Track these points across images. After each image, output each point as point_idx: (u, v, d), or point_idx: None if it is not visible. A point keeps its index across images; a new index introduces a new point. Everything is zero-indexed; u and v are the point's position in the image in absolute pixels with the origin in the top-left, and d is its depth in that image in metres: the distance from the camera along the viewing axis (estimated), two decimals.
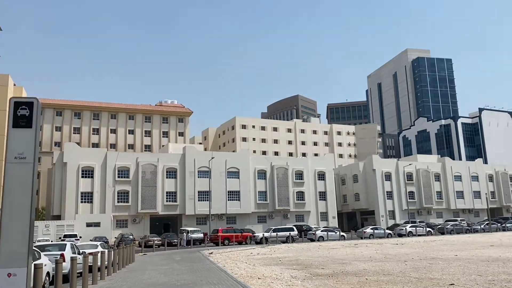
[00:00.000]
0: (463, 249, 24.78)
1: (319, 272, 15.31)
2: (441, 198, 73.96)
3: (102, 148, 59.02)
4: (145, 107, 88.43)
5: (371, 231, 46.60)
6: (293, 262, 19.80)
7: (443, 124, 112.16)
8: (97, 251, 17.78)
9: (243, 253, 28.30)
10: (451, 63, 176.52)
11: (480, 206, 77.21)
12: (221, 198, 58.85)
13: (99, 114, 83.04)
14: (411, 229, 48.83)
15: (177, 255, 28.77)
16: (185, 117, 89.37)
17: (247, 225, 60.05)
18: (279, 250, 30.21)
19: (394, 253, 23.36)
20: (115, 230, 53.35)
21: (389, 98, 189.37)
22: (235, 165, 60.72)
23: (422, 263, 17.51)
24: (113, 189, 54.23)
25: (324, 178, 66.89)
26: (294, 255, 24.62)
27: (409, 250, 25.84)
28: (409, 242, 35.20)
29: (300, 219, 63.92)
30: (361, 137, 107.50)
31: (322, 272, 15.28)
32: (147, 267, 19.48)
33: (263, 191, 62.16)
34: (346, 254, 23.67)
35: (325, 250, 27.91)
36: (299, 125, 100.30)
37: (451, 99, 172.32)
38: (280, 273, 15.25)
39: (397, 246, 29.69)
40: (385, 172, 70.27)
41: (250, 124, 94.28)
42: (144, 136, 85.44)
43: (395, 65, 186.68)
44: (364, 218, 73.09)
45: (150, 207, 54.90)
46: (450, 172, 75.53)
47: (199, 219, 58.61)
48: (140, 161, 55.84)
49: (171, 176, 57.58)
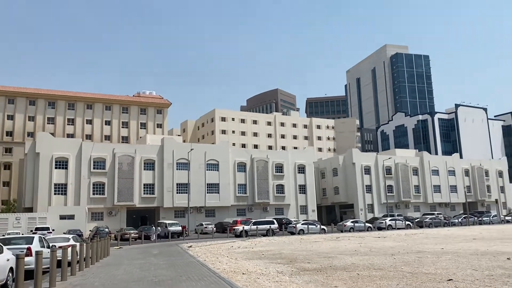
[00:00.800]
0: (447, 243, 24.51)
1: (306, 266, 14.55)
2: (418, 192, 74.63)
3: (77, 139, 56.96)
4: (123, 98, 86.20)
5: (352, 225, 46.35)
6: (277, 256, 19.03)
7: (421, 120, 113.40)
8: (69, 244, 16.61)
9: (223, 246, 27.42)
10: (428, 60, 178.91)
11: (456, 200, 78.30)
12: (200, 190, 57.74)
13: (75, 104, 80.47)
14: (391, 222, 48.84)
15: (154, 248, 27.69)
16: (164, 108, 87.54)
17: (226, 218, 59.20)
18: (260, 243, 29.44)
19: (378, 247, 22.87)
20: (90, 223, 51.69)
21: (368, 93, 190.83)
22: (215, 157, 59.64)
23: (411, 256, 16.98)
24: (88, 181, 52.47)
25: (304, 171, 66.46)
26: (277, 248, 23.87)
27: (393, 243, 25.45)
28: (390, 235, 34.97)
29: (279, 212, 63.40)
30: (340, 131, 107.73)
31: (309, 266, 14.52)
32: (122, 262, 18.39)
33: (243, 184, 61.31)
34: (330, 248, 23.06)
35: (308, 244, 27.28)
36: (279, 118, 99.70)
37: (427, 95, 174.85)
38: (265, 268, 14.42)
39: (380, 239, 29.32)
40: (364, 166, 70.35)
41: (230, 117, 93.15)
42: (121, 128, 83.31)
43: (374, 60, 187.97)
44: (343, 212, 73.16)
45: (127, 199, 53.36)
46: (428, 167, 76.25)
47: (178, 212, 57.39)
48: (117, 152, 54.16)
49: (149, 168, 56.11)
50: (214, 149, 60.41)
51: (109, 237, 39.66)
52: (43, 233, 38.93)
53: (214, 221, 57.68)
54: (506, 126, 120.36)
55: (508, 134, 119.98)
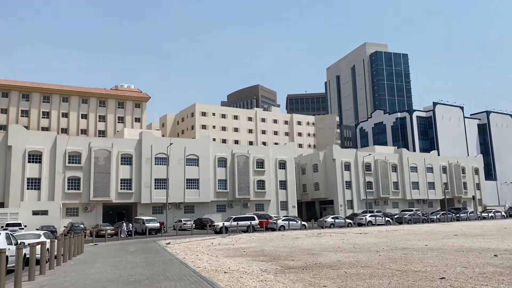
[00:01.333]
0: (429, 239, 24.36)
1: (290, 264, 13.98)
2: (397, 188, 75.27)
3: (51, 132, 55.05)
4: (100, 91, 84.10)
5: (332, 221, 46.19)
6: (259, 253, 18.43)
7: (399, 117, 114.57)
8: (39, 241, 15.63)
9: (202, 243, 26.67)
10: (407, 58, 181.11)
11: (434, 196, 79.32)
12: (179, 186, 56.67)
13: (50, 97, 78.11)
14: (371, 218, 48.89)
15: (131, 245, 26.75)
16: (142, 102, 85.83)
17: (205, 214, 58.36)
18: (241, 240, 28.80)
19: (361, 243, 22.52)
20: (65, 218, 50.09)
21: (347, 91, 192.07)
22: (195, 152, 58.63)
23: (396, 253, 16.62)
24: (63, 175, 50.79)
25: (285, 167, 66.09)
26: (258, 245, 23.28)
27: (375, 239, 25.18)
28: (371, 231, 34.83)
29: (260, 208, 62.89)
30: (320, 127, 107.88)
31: (293, 264, 13.95)
32: (96, 259, 17.48)
33: (223, 180, 60.50)
34: (313, 244, 22.60)
35: (289, 240, 26.79)
36: (260, 114, 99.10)
37: (406, 93, 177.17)
38: (247, 265, 13.78)
39: (362, 236, 29.06)
40: (344, 162, 70.46)
41: (210, 112, 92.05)
42: (98, 121, 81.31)
43: (354, 58, 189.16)
44: (323, 208, 73.20)
45: (103, 194, 51.92)
46: (407, 163, 76.95)
47: (156, 208, 56.22)
48: (93, 146, 52.60)
49: (126, 162, 54.72)
50: (194, 144, 59.38)
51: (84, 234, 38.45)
52: (14, 229, 37.43)
53: (193, 217, 56.75)
54: (482, 124, 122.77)
55: (483, 132, 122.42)
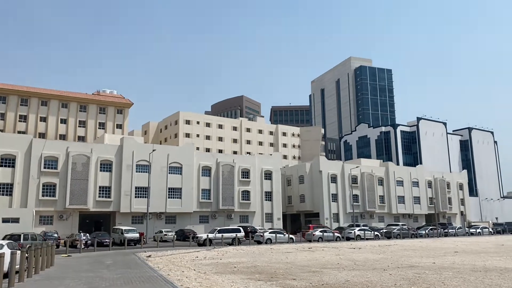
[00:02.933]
0: (431, 256, 22.83)
1: (293, 285, 12.14)
2: (383, 202, 74.19)
3: (26, 135, 52.17)
4: (81, 95, 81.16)
5: (320, 234, 44.47)
6: (252, 270, 16.52)
7: (383, 131, 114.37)
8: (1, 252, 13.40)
9: (186, 256, 24.57)
10: (391, 74, 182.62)
11: (419, 211, 78.49)
12: (160, 195, 54.23)
13: (28, 100, 74.86)
14: (360, 232, 47.37)
15: (108, 257, 24.48)
16: (125, 108, 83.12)
17: (187, 225, 55.99)
18: (228, 253, 26.78)
19: (361, 259, 20.82)
20: (38, 227, 47.05)
21: (331, 104, 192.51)
22: (178, 160, 56.39)
23: (406, 272, 14.94)
24: (37, 181, 47.89)
25: (271, 177, 64.28)
26: (248, 260, 21.35)
27: (373, 255, 23.51)
28: (364, 246, 33.20)
29: (244, 220, 60.80)
30: (305, 139, 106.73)
31: (297, 285, 12.12)
32: (67, 274, 15.31)
33: (207, 189, 58.29)
34: (308, 260, 20.79)
35: (280, 255, 24.92)
36: (245, 123, 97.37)
37: (389, 108, 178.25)
38: (244, 286, 11.88)
39: (356, 251, 27.37)
40: (331, 174, 69.08)
41: (195, 120, 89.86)
42: (78, 127, 78.17)
43: (339, 72, 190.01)
44: (308, 220, 71.45)
45: (80, 202, 49.13)
46: (393, 177, 76.06)
47: (135, 217, 53.60)
48: (71, 151, 49.91)
49: (106, 169, 52.13)
50: (177, 152, 57.16)
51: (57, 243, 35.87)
52: None
53: (175, 228, 54.31)
54: (464, 141, 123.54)
55: (465, 148, 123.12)
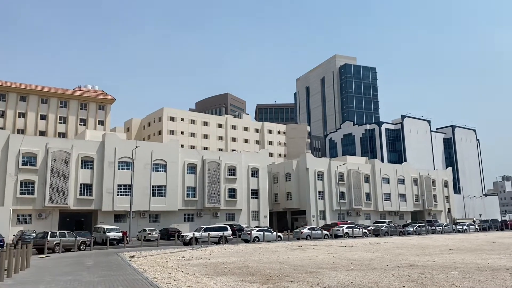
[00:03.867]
0: (427, 254, 22.10)
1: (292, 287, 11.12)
2: (369, 199, 73.87)
3: (4, 130, 50.03)
4: (61, 91, 78.77)
5: (309, 232, 43.63)
6: (244, 271, 15.46)
7: (368, 129, 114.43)
8: None
9: (172, 256, 23.37)
10: (375, 72, 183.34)
11: (405, 208, 78.48)
12: (144, 193, 52.73)
13: (6, 95, 72.25)
14: (348, 230, 46.69)
15: (89, 258, 23.12)
16: (107, 104, 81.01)
17: (172, 223, 54.61)
18: (216, 252, 25.65)
19: (356, 258, 19.95)
20: (15, 226, 45.16)
21: (317, 102, 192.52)
22: (162, 157, 54.93)
23: (409, 272, 14.08)
24: (15, 178, 45.94)
25: (258, 175, 63.26)
26: (238, 260, 20.27)
27: (368, 254, 22.69)
28: (355, 244, 32.42)
29: (230, 218, 59.67)
30: (291, 136, 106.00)
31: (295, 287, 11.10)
32: (42, 278, 14.01)
33: (192, 187, 56.97)
34: (301, 259, 19.81)
35: (271, 254, 23.92)
36: (230, 121, 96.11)
37: (373, 106, 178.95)
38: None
39: (348, 249, 26.53)
40: (317, 171, 68.42)
41: (179, 117, 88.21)
42: (58, 123, 75.83)
43: (324, 70, 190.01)
44: (295, 218, 70.76)
45: (60, 200, 47.34)
46: (379, 174, 75.82)
47: (118, 216, 51.99)
48: (51, 147, 48.03)
49: (87, 166, 50.38)
50: (162, 148, 55.69)
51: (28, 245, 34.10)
52: None
53: (159, 227, 52.90)
54: (447, 138, 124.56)
55: (449, 146, 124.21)
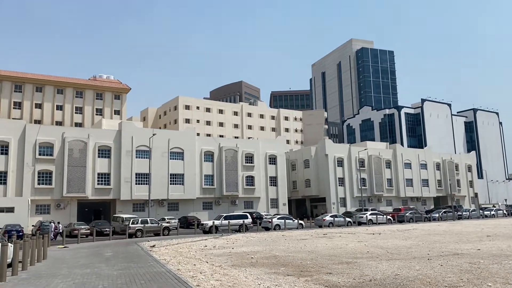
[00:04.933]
0: (464, 241, 20.66)
1: (334, 281, 9.90)
2: (391, 185, 72.05)
3: (20, 120, 49.72)
4: (77, 81, 78.41)
5: (331, 219, 42.38)
6: (273, 261, 14.32)
7: (387, 114, 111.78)
8: None
9: (194, 245, 22.39)
10: (393, 55, 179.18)
11: (427, 194, 76.47)
12: (162, 181, 52.04)
13: (22, 86, 72.20)
14: (372, 217, 45.27)
15: (108, 248, 22.32)
16: (122, 93, 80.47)
17: (190, 212, 53.93)
18: (238, 241, 24.61)
19: (390, 246, 18.64)
20: (34, 216, 44.93)
21: (333, 88, 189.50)
22: (179, 145, 54.06)
23: (456, 261, 12.74)
24: (32, 169, 45.60)
25: (276, 162, 62.04)
26: (264, 249, 19.15)
27: (400, 241, 21.33)
28: (381, 231, 31.05)
29: (249, 206, 58.74)
30: (308, 123, 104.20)
31: (337, 281, 9.88)
32: (59, 271, 13.09)
33: (210, 175, 56.08)
34: (331, 248, 18.59)
35: (296, 242, 22.76)
36: (246, 108, 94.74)
37: (392, 90, 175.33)
38: (274, 284, 9.65)
39: (377, 237, 25.21)
40: (337, 158, 66.83)
41: (194, 105, 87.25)
42: (74, 113, 75.61)
43: (340, 54, 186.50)
44: (314, 206, 69.51)
45: (78, 190, 46.93)
46: (401, 159, 73.82)
47: (136, 205, 51.47)
48: (67, 136, 47.50)
49: (104, 155, 49.82)
50: (178, 136, 54.80)
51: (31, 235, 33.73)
52: None
53: (178, 215, 52.29)
54: (468, 122, 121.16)
55: (470, 130, 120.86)
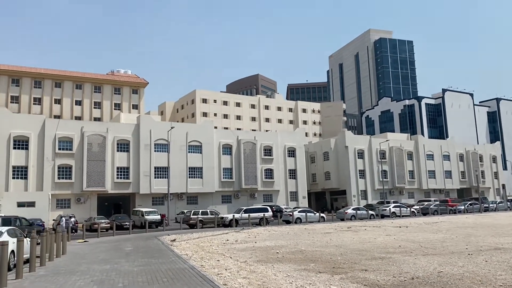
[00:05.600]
0: (503, 234, 19.53)
1: (372, 279, 9.09)
2: (413, 177, 70.40)
3: (39, 115, 49.90)
4: (95, 76, 78.69)
5: (353, 212, 41.36)
6: (301, 257, 13.55)
7: (407, 104, 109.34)
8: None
9: (215, 239, 21.78)
10: (412, 45, 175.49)
11: (450, 186, 74.50)
12: (181, 175, 51.70)
13: (41, 82, 72.69)
14: (395, 209, 44.09)
15: (128, 242, 21.89)
16: (140, 88, 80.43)
17: (209, 205, 53.51)
18: (260, 235, 23.92)
19: (421, 240, 17.68)
20: (55, 211, 45.08)
21: (351, 79, 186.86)
22: (198, 138, 53.59)
23: (501, 256, 11.78)
24: (52, 163, 45.73)
25: (295, 154, 61.12)
26: (289, 243, 18.40)
27: (431, 235, 20.33)
28: (408, 224, 29.96)
29: (268, 199, 58.05)
30: (326, 115, 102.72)
31: (378, 279, 9.06)
32: (77, 267, 12.58)
33: (229, 168, 55.53)
34: (359, 242, 17.73)
35: (321, 236, 21.95)
36: (263, 101, 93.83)
37: (411, 81, 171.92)
38: (307, 283, 8.88)
39: (405, 230, 24.20)
40: (357, 150, 65.50)
41: (212, 98, 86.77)
42: (93, 108, 75.94)
43: (357, 45, 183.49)
44: (334, 199, 68.44)
45: (98, 184, 46.91)
46: (423, 151, 72.01)
47: (156, 198, 51.30)
48: (86, 131, 47.46)
49: (123, 149, 49.67)
50: (196, 129, 54.33)
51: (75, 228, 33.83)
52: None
53: (197, 209, 51.91)
54: (491, 112, 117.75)
55: (493, 120, 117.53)
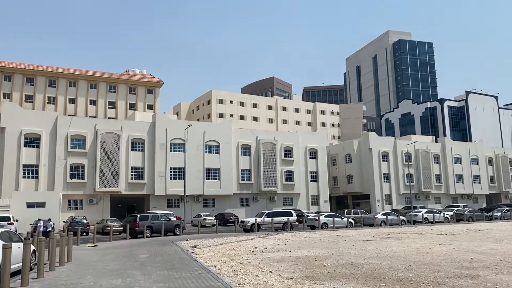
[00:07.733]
0: None
1: None
2: (440, 181, 66.89)
3: (51, 112, 48.11)
4: (110, 75, 77.07)
5: (383, 217, 38.39)
6: (357, 272, 10.88)
7: (429, 107, 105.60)
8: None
9: (241, 246, 19.18)
10: (432, 47, 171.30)
11: (479, 191, 70.69)
12: (197, 176, 49.31)
13: (56, 81, 71.29)
14: (428, 215, 40.97)
15: (143, 248, 19.44)
16: (155, 88, 78.58)
17: (227, 208, 50.99)
18: (290, 242, 21.25)
19: (491, 252, 14.83)
20: (66, 212, 43.07)
21: (368, 82, 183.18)
22: (215, 138, 51.17)
23: None
24: (64, 162, 43.75)
25: (316, 156, 58.28)
26: (331, 253, 15.69)
27: (496, 245, 17.45)
28: (450, 231, 26.95)
29: (288, 203, 55.28)
30: (345, 117, 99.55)
31: None
32: (81, 280, 10.09)
33: (247, 170, 52.95)
34: (418, 254, 14.93)
35: (361, 244, 19.19)
36: (280, 102, 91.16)
37: (431, 83, 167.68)
38: None
39: (455, 238, 21.30)
40: (382, 152, 62.35)
41: (228, 99, 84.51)
42: (107, 108, 74.29)
43: (376, 47, 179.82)
44: (356, 203, 65.28)
45: (111, 185, 44.78)
46: (450, 154, 68.45)
47: (171, 200, 48.98)
48: (99, 129, 45.42)
49: (138, 148, 47.52)
50: (214, 129, 51.93)
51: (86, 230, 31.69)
52: (1, 224, 30.54)
53: (214, 211, 49.48)
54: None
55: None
